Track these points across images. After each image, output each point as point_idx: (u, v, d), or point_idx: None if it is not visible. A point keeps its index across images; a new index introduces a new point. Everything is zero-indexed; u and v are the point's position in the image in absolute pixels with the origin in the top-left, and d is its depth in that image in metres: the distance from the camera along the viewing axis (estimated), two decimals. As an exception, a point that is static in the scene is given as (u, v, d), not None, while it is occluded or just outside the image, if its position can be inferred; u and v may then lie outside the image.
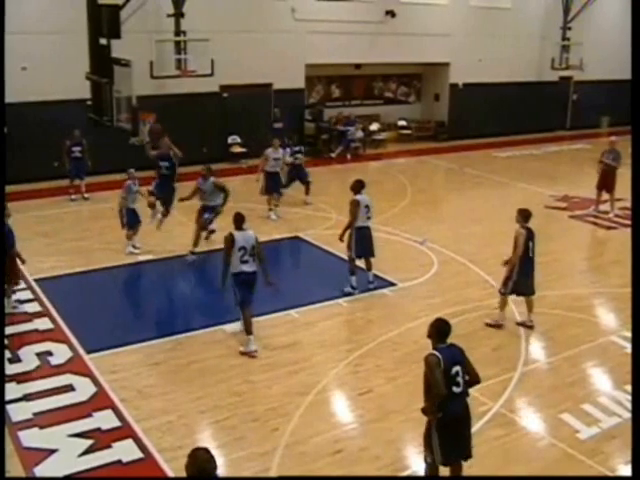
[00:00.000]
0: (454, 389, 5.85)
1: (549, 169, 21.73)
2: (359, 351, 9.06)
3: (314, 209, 15.41)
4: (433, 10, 23.55)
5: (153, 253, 12.53)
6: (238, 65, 19.48)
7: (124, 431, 7.22)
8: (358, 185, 10.83)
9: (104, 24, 12.93)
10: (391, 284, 11.35)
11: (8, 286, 9.83)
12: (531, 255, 9.54)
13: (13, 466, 6.54)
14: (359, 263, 10.94)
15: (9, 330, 9.19)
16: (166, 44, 18.33)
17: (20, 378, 8.18)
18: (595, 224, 15.26)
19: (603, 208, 15.88)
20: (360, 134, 22.56)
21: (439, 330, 6.01)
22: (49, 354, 8.80)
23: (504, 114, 25.47)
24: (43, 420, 7.37)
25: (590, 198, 16.27)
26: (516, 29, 25.20)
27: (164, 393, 8.00)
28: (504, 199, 17.49)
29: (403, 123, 25.32)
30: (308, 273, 12.76)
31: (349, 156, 21.92)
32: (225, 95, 20.12)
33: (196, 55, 18.26)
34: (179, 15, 18.28)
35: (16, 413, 7.44)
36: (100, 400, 7.80)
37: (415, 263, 12.20)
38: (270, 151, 15.16)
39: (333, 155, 21.85)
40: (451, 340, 6.38)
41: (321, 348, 9.23)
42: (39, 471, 6.60)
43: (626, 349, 9.12)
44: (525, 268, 9.51)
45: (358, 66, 23.59)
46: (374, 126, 24.04)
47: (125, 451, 6.88)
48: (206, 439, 7.25)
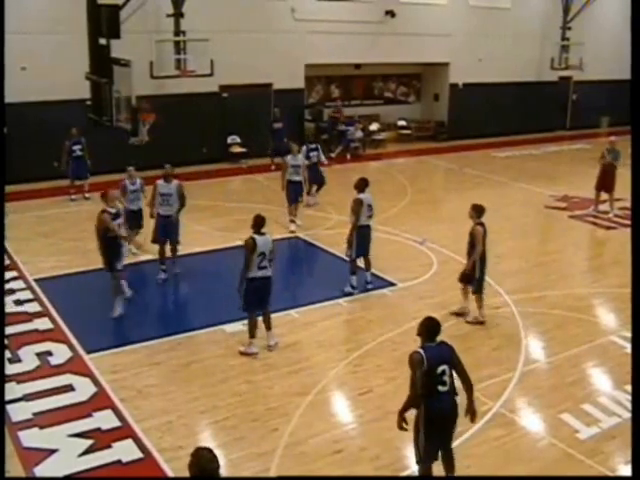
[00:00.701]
0: (439, 387, 5.88)
1: (549, 169, 21.74)
2: (359, 351, 9.07)
3: (314, 209, 15.41)
4: (433, 10, 23.56)
5: (153, 253, 12.51)
6: (238, 65, 19.48)
7: (124, 431, 7.22)
8: (362, 183, 10.82)
9: (104, 24, 12.92)
10: (391, 284, 11.35)
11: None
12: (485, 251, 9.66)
13: (13, 466, 6.54)
14: (359, 262, 10.96)
15: (9, 330, 9.17)
16: (166, 44, 18.33)
17: (20, 378, 8.18)
18: (595, 224, 15.26)
19: (603, 208, 15.89)
20: (360, 134, 22.57)
21: (428, 329, 6.10)
22: (49, 354, 8.81)
23: (504, 114, 25.48)
24: (43, 420, 7.38)
25: (590, 198, 16.27)
26: (516, 29, 25.21)
27: (164, 393, 8.01)
28: (504, 199, 17.50)
29: (403, 123, 25.32)
30: (308, 273, 12.78)
31: (349, 156, 21.94)
32: (225, 95, 20.12)
33: (196, 55, 18.26)
34: (179, 15, 18.29)
35: (16, 413, 7.44)
36: (100, 400, 7.80)
37: (415, 263, 12.20)
38: (289, 158, 14.41)
39: (333, 155, 21.83)
40: (452, 340, 6.64)
41: (321, 348, 9.23)
42: (39, 471, 6.60)
43: (626, 349, 9.12)
44: (482, 265, 9.65)
45: (358, 66, 23.61)
46: (374, 126, 24.05)
47: (125, 451, 6.89)
48: (206, 439, 7.25)
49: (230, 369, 8.56)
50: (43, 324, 9.64)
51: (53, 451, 6.85)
